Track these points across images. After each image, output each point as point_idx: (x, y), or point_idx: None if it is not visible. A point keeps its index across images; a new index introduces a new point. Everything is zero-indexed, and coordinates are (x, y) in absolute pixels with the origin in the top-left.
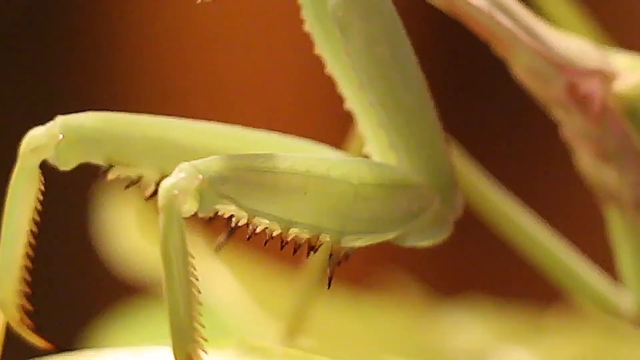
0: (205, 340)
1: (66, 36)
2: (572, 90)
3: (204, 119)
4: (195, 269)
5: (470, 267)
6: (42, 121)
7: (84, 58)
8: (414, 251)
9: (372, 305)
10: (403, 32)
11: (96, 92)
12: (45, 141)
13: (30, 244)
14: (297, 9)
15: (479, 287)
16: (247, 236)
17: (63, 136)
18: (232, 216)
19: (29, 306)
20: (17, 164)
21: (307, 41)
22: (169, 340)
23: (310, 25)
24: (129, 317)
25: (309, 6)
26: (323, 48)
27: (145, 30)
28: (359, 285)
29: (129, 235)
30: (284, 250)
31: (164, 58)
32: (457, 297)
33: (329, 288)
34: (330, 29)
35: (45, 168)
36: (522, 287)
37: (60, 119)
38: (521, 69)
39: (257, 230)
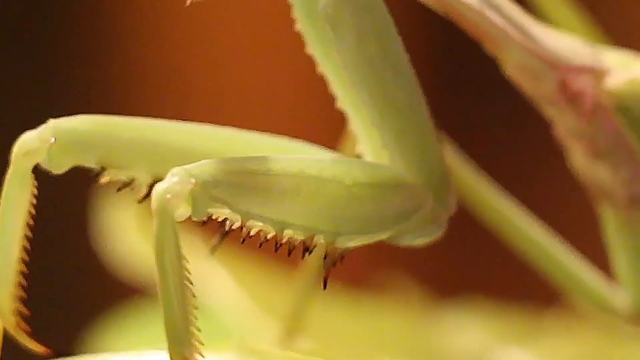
0: (202, 344)
1: (60, 38)
2: (564, 88)
3: (197, 120)
4: (190, 272)
5: (469, 268)
6: (34, 125)
7: (77, 60)
8: (412, 252)
9: (371, 307)
10: (394, 29)
11: (90, 95)
12: (38, 145)
13: (25, 249)
14: (287, 8)
15: (478, 288)
16: (242, 239)
17: (55, 140)
18: (226, 219)
19: (25, 311)
20: (9, 168)
21: (298, 41)
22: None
23: (301, 24)
24: (128, 319)
25: (299, 5)
26: (314, 47)
27: (140, 32)
28: (358, 286)
29: (128, 236)
30: (279, 252)
31: (158, 60)
32: (456, 298)
33: (324, 289)
34: (321, 28)
35: (43, 169)
36: (521, 288)
37: (52, 123)
38: (512, 67)
39: (252, 233)
